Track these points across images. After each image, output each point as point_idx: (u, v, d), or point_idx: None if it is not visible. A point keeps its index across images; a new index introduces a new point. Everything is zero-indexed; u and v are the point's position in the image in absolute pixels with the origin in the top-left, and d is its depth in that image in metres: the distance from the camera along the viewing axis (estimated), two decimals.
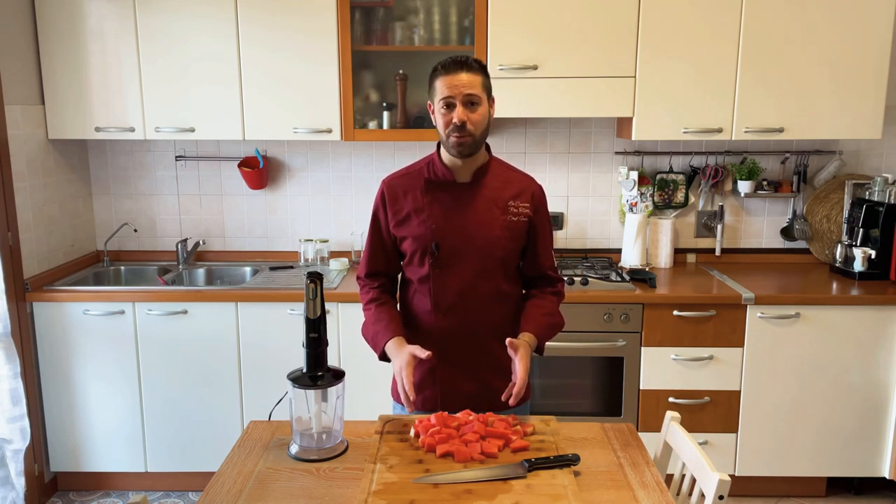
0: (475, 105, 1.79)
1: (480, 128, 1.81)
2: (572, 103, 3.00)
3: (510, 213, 1.88)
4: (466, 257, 1.86)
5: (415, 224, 1.88)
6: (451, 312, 1.89)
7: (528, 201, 1.91)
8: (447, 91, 1.78)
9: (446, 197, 1.88)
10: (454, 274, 1.87)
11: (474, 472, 1.54)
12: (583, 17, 2.94)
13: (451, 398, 1.91)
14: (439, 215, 1.87)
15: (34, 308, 3.00)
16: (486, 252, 1.86)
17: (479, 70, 1.81)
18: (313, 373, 1.70)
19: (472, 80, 1.78)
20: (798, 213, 3.42)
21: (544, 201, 1.97)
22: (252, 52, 3.04)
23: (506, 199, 1.89)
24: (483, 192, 1.88)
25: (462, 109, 1.78)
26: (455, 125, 1.77)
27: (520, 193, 1.91)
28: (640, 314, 2.92)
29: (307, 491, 1.53)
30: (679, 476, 1.82)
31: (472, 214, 1.86)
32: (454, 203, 1.87)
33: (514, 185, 1.92)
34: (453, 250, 1.86)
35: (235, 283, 3.39)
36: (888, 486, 3.18)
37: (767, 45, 2.95)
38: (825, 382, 2.96)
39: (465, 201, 1.87)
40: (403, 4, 3.09)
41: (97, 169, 3.50)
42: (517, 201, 1.90)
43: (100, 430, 3.09)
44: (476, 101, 1.79)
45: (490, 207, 1.87)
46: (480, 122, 1.81)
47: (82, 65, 3.08)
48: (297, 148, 3.47)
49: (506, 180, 1.92)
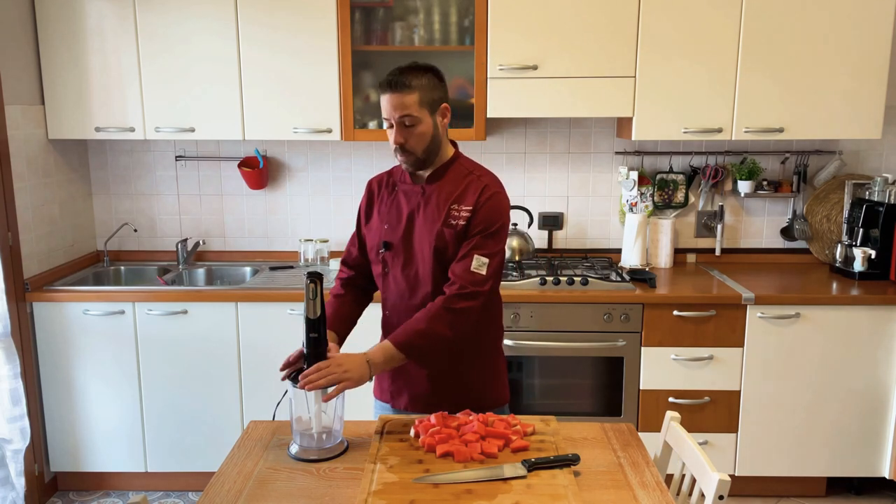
0: (411, 126, 1.76)
1: (422, 145, 1.79)
2: (572, 103, 3.00)
3: (451, 217, 1.81)
4: (409, 260, 1.86)
5: (376, 224, 1.93)
6: (394, 312, 1.92)
7: (472, 204, 1.80)
8: (384, 111, 1.78)
9: (403, 198, 1.89)
10: (396, 275, 1.89)
11: (474, 472, 1.54)
12: (583, 17, 2.94)
13: (401, 395, 1.96)
14: (394, 217, 1.89)
15: (34, 308, 3.00)
16: (424, 256, 1.84)
17: (414, 88, 1.74)
18: None
19: (404, 101, 1.74)
20: (798, 213, 3.42)
21: (488, 204, 1.81)
22: (252, 51, 3.04)
23: (450, 203, 1.82)
24: (433, 195, 1.85)
25: (398, 131, 1.76)
26: (394, 147, 1.79)
27: (465, 197, 1.82)
28: (640, 314, 2.92)
29: (307, 491, 1.53)
30: (679, 476, 1.82)
31: (419, 218, 1.85)
32: (408, 205, 1.88)
33: (462, 188, 1.83)
34: (397, 252, 1.88)
35: (235, 283, 3.39)
36: (888, 486, 3.18)
37: (767, 45, 2.95)
38: (825, 382, 2.96)
39: (416, 204, 1.87)
40: (403, 4, 3.09)
41: (97, 169, 3.50)
42: (460, 205, 1.81)
43: (100, 430, 3.09)
44: (411, 121, 1.75)
45: (435, 210, 1.83)
46: (420, 139, 1.78)
47: (82, 65, 3.08)
48: (297, 148, 3.47)
49: (459, 183, 1.84)
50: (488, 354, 1.97)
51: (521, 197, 3.48)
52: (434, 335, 1.76)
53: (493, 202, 1.82)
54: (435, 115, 1.80)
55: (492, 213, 1.81)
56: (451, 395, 1.90)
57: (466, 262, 1.78)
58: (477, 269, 1.78)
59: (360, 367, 1.70)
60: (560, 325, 2.93)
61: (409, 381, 1.93)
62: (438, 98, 1.81)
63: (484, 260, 1.79)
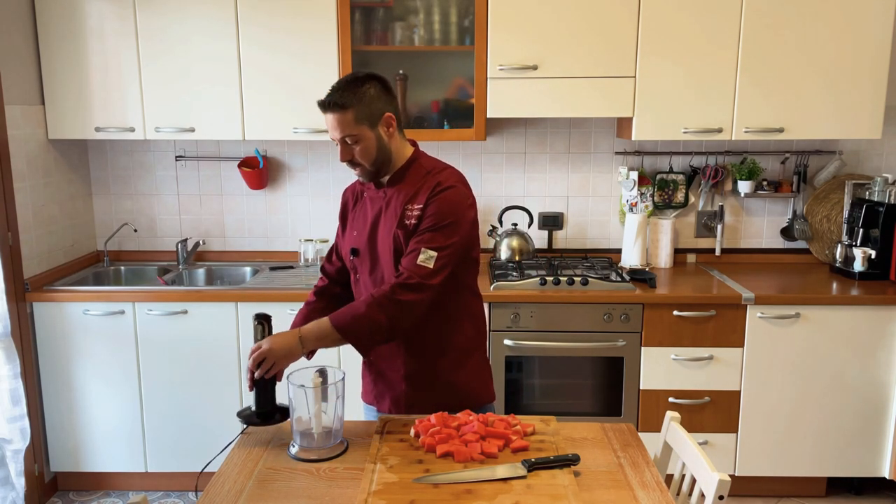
0: (351, 144, 1.78)
1: (368, 159, 1.80)
2: (572, 103, 3.00)
3: (405, 217, 1.81)
4: (374, 264, 1.88)
5: (348, 230, 1.96)
6: None
7: (423, 202, 1.79)
8: (329, 131, 1.81)
9: (369, 205, 1.91)
10: (365, 280, 1.91)
11: (474, 472, 1.54)
12: (583, 17, 2.94)
13: (382, 397, 1.97)
14: (360, 223, 1.92)
15: (34, 308, 3.00)
16: (385, 258, 1.85)
17: (348, 107, 1.74)
18: (262, 409, 1.78)
19: (339, 121, 1.76)
20: (798, 213, 3.42)
21: (438, 197, 1.78)
22: (252, 51, 3.04)
23: (405, 203, 1.82)
24: (392, 198, 1.86)
25: (342, 149, 1.80)
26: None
27: (418, 196, 1.81)
28: (640, 314, 2.92)
29: (307, 491, 1.53)
30: (679, 476, 1.82)
31: (381, 222, 1.87)
32: (372, 210, 1.90)
33: (416, 187, 1.82)
34: (364, 258, 1.90)
35: (235, 283, 3.39)
36: (888, 486, 3.18)
37: (767, 45, 2.95)
38: (825, 382, 2.96)
39: (377, 208, 1.88)
40: (403, 4, 3.09)
41: (97, 169, 3.50)
42: (413, 204, 1.81)
43: (100, 430, 3.09)
44: (352, 140, 1.77)
45: (393, 213, 1.84)
46: (364, 154, 1.79)
47: (82, 65, 3.08)
48: (297, 148, 3.47)
49: (416, 183, 1.83)
50: (466, 354, 1.94)
51: (521, 197, 3.48)
52: (370, 321, 1.73)
53: (444, 196, 1.79)
54: (377, 127, 1.79)
55: (442, 207, 1.78)
56: (433, 396, 1.89)
57: (413, 255, 1.76)
58: (424, 262, 1.75)
59: (287, 343, 1.73)
60: (560, 325, 2.93)
61: (389, 384, 1.94)
62: (378, 111, 1.78)
63: (431, 253, 1.75)
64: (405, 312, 1.75)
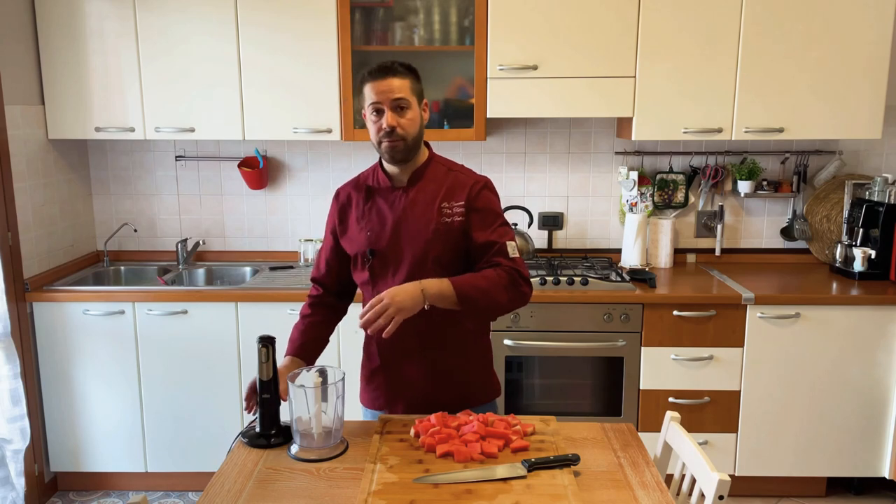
0: (404, 109, 1.78)
1: (412, 131, 1.80)
2: (572, 103, 3.00)
3: (444, 215, 1.82)
4: (401, 263, 1.85)
5: (356, 232, 1.91)
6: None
7: (463, 199, 1.83)
8: (375, 97, 1.78)
9: (384, 203, 1.88)
10: (389, 280, 1.87)
11: (474, 472, 1.54)
12: (583, 18, 2.94)
13: (395, 401, 1.94)
14: (376, 222, 1.88)
15: (34, 308, 3.00)
16: (419, 257, 1.83)
17: (407, 74, 1.80)
18: (266, 431, 1.75)
19: (399, 85, 1.77)
20: (798, 213, 3.42)
21: (483, 193, 1.85)
22: (252, 52, 3.04)
23: (440, 202, 1.83)
24: (418, 197, 1.85)
25: (391, 114, 1.77)
26: (385, 130, 1.78)
27: (454, 193, 1.84)
28: (640, 314, 2.92)
29: (307, 491, 1.53)
30: (679, 476, 1.82)
31: (406, 220, 1.85)
32: (391, 209, 1.87)
33: (449, 186, 1.85)
34: (388, 257, 1.86)
35: (235, 283, 3.39)
36: (888, 486, 3.18)
37: (767, 45, 2.95)
38: (825, 382, 2.96)
39: (400, 207, 1.86)
40: (403, 4, 3.09)
41: (97, 169, 3.50)
42: (451, 202, 1.83)
43: (100, 430, 3.09)
44: (404, 105, 1.78)
45: (424, 211, 1.84)
46: (410, 125, 1.79)
47: (82, 65, 3.08)
48: (297, 148, 3.47)
49: (442, 181, 1.86)
50: (487, 349, 2.00)
51: (521, 197, 3.48)
52: (490, 297, 1.76)
53: (488, 194, 1.87)
54: (420, 106, 1.84)
55: (493, 202, 1.87)
56: (446, 392, 1.90)
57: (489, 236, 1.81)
58: (514, 254, 1.82)
59: (414, 297, 1.69)
60: (560, 325, 2.93)
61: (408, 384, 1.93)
62: (422, 93, 1.86)
63: (514, 245, 1.84)
64: (517, 302, 1.81)
